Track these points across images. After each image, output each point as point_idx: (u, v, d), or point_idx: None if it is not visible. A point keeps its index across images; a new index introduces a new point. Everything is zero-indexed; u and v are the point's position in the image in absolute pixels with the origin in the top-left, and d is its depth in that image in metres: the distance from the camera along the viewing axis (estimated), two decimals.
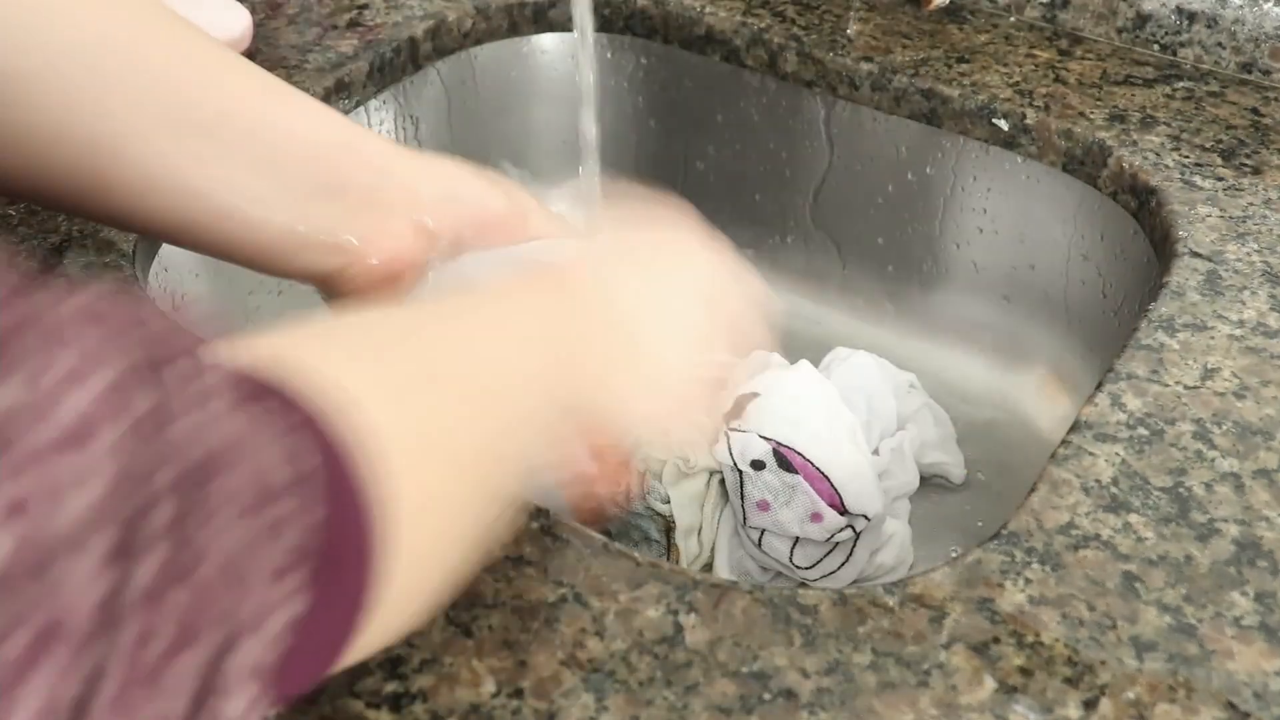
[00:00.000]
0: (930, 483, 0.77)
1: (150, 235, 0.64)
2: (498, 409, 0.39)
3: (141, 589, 0.23)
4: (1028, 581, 0.47)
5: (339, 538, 0.29)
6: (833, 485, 0.67)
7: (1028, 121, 0.78)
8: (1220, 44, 0.81)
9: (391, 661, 0.44)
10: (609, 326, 0.46)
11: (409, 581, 0.32)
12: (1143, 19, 0.83)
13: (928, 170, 0.84)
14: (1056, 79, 0.81)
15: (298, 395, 0.29)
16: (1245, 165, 0.72)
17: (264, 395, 0.28)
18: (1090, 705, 0.43)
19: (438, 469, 0.34)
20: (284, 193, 0.51)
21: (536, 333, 0.43)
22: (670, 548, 0.67)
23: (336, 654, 0.30)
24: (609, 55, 0.94)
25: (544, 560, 0.48)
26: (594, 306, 0.46)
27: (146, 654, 0.24)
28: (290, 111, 0.52)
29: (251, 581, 0.26)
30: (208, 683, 0.25)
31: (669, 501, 0.67)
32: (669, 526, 0.67)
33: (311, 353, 0.32)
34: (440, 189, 0.54)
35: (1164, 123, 0.76)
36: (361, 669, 0.43)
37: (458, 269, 0.54)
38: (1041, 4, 0.87)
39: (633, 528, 0.68)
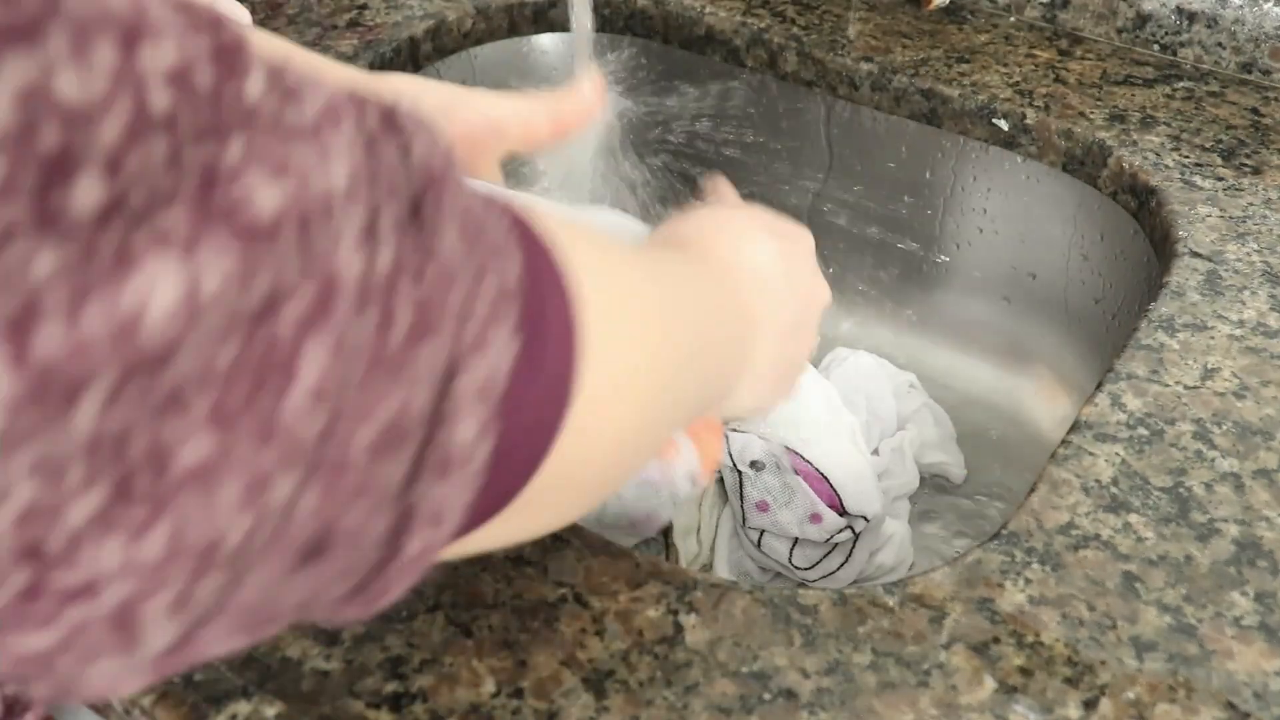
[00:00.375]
0: (930, 483, 0.77)
1: None
2: (687, 359, 0.39)
3: (384, 273, 0.24)
4: (1028, 581, 0.47)
5: (543, 303, 0.29)
6: (832, 486, 0.67)
7: (1028, 121, 0.78)
8: (1220, 44, 0.81)
9: (391, 661, 0.44)
10: (747, 313, 0.47)
11: (587, 450, 0.33)
12: (1143, 19, 0.83)
13: (928, 170, 0.84)
14: (1056, 79, 0.81)
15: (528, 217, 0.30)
16: (1245, 165, 0.72)
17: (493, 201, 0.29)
18: (1090, 705, 0.43)
19: (631, 369, 0.34)
20: None
21: (725, 304, 0.44)
22: (668, 547, 0.67)
23: (544, 436, 0.30)
24: (609, 55, 0.94)
25: (544, 560, 0.48)
26: (751, 292, 0.47)
27: (388, 339, 0.24)
28: (311, 59, 0.55)
29: (474, 295, 0.26)
30: (442, 388, 0.26)
31: None
32: (667, 526, 0.67)
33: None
34: (448, 99, 0.57)
35: (1164, 123, 0.76)
36: (361, 669, 0.43)
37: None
38: (1041, 4, 0.87)
39: None
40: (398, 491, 0.26)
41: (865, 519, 0.67)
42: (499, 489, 0.29)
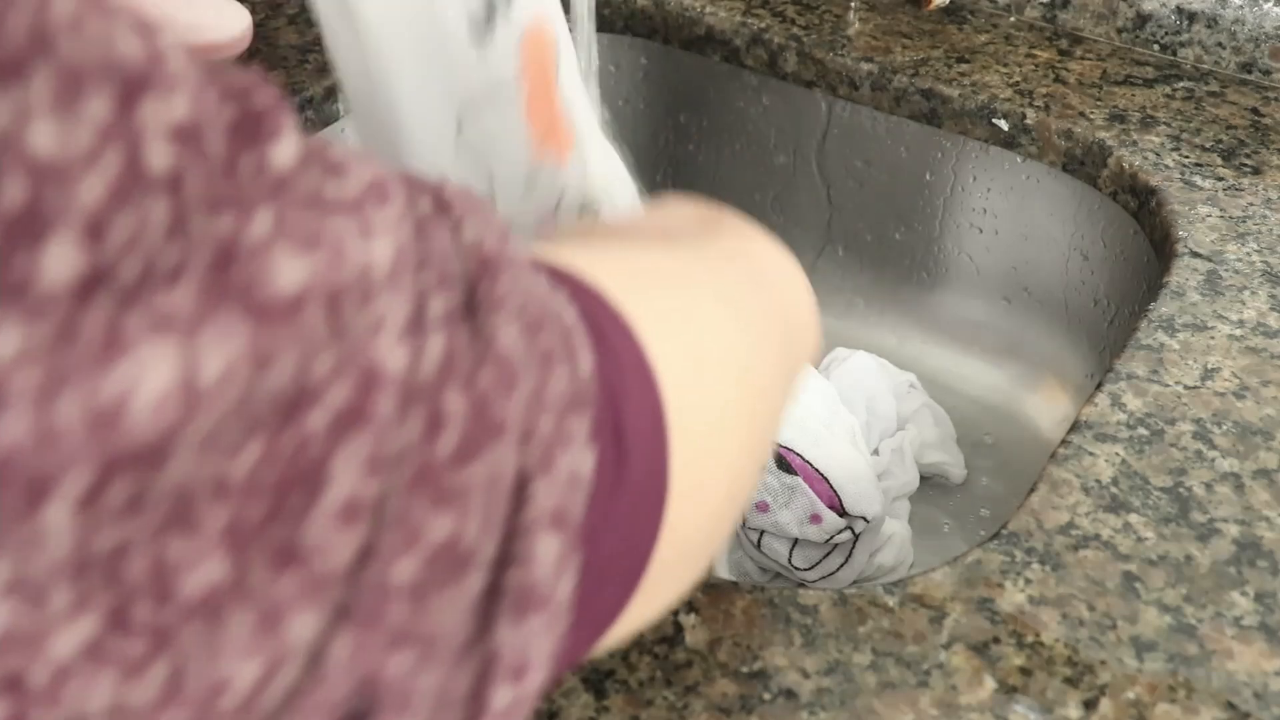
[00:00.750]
0: (930, 483, 0.77)
1: None
2: (770, 378, 0.36)
3: (432, 371, 0.21)
4: (1028, 581, 0.47)
5: (620, 400, 0.26)
6: (832, 487, 0.67)
7: (1028, 121, 0.78)
8: (1220, 44, 0.81)
9: None
10: (782, 272, 0.44)
11: (689, 532, 0.29)
12: (1143, 19, 0.83)
13: (928, 170, 0.84)
14: (1056, 79, 0.81)
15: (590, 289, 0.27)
16: (1245, 165, 0.72)
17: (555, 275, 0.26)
18: (1090, 705, 0.43)
19: (709, 422, 0.31)
20: None
21: (773, 294, 0.41)
22: None
23: (641, 550, 0.27)
24: (609, 55, 0.94)
25: None
26: (759, 253, 0.43)
27: (436, 450, 0.21)
28: None
29: (539, 401, 0.23)
30: (508, 514, 0.22)
31: None
32: None
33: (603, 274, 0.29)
34: None
35: (1164, 123, 0.76)
36: None
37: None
38: (1041, 4, 0.87)
39: None
40: (467, 638, 0.22)
41: (865, 520, 0.67)
42: (600, 611, 0.26)
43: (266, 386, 0.18)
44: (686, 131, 0.94)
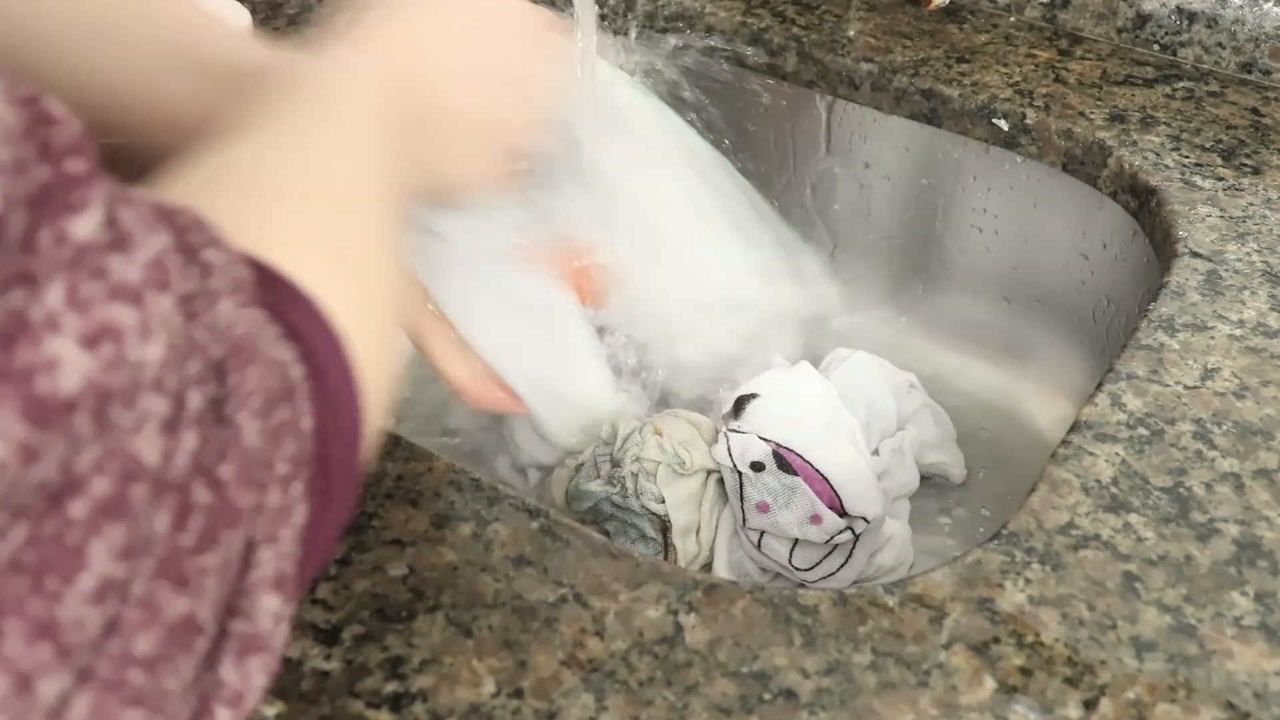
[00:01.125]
0: (930, 483, 0.77)
1: None
2: (364, 221, 0.39)
3: (183, 467, 0.23)
4: (1028, 581, 0.47)
5: (331, 446, 0.29)
6: (832, 487, 0.67)
7: (1028, 121, 0.78)
8: (1220, 44, 0.81)
9: (391, 661, 0.44)
10: (424, 102, 0.46)
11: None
12: (1143, 19, 0.83)
13: (928, 170, 0.84)
14: (1056, 79, 0.81)
15: (285, 289, 0.29)
16: (1245, 165, 0.72)
17: (264, 289, 0.28)
18: (1090, 705, 0.43)
19: (358, 300, 0.34)
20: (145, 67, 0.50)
21: (367, 137, 0.43)
22: (667, 547, 0.67)
23: (330, 553, 0.30)
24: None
25: (544, 560, 0.48)
26: (406, 83, 0.46)
27: (179, 540, 0.23)
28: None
29: (265, 485, 0.26)
30: (234, 592, 0.25)
31: (664, 501, 0.67)
32: (665, 526, 0.67)
33: (243, 224, 0.31)
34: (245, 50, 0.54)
35: (1164, 123, 0.76)
36: (361, 669, 0.43)
37: None
38: (1041, 4, 0.87)
39: (630, 526, 0.68)
40: (189, 683, 0.25)
41: (865, 520, 0.67)
42: (315, 566, 0.30)
43: (32, 477, 0.20)
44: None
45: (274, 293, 0.29)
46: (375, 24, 0.47)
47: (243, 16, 0.81)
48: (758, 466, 0.67)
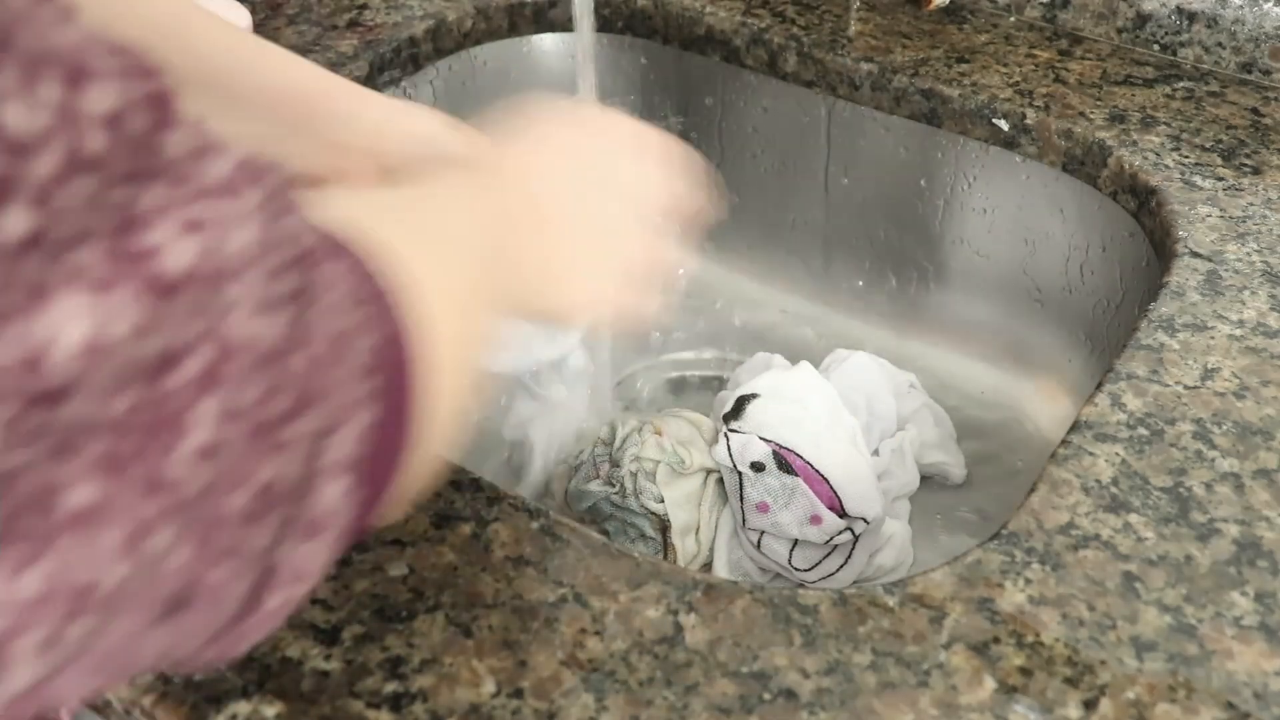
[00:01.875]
0: (930, 483, 0.77)
1: None
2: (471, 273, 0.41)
3: (274, 344, 0.25)
4: (1028, 581, 0.47)
5: (401, 358, 0.31)
6: (832, 488, 0.67)
7: (1028, 121, 0.78)
8: (1220, 44, 0.81)
9: (391, 661, 0.44)
10: (538, 215, 0.48)
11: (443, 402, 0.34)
12: (1143, 19, 0.83)
13: (928, 170, 0.84)
14: (1056, 79, 0.81)
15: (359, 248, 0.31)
16: (1245, 165, 0.72)
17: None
18: (1090, 705, 0.43)
19: (453, 311, 0.36)
20: (260, 131, 0.54)
21: (477, 219, 0.44)
22: (666, 547, 0.67)
23: (395, 471, 0.31)
24: (609, 55, 0.94)
25: (544, 560, 0.48)
26: (524, 196, 0.47)
27: (270, 410, 0.25)
28: (270, 62, 0.56)
29: (346, 371, 0.27)
30: (310, 460, 0.27)
31: (663, 501, 0.67)
32: (664, 525, 0.67)
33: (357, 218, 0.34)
34: (402, 128, 0.56)
35: (1164, 123, 0.76)
36: (362, 669, 0.43)
37: None
38: (1041, 4, 0.87)
39: (629, 526, 0.68)
40: (261, 553, 0.26)
41: (865, 521, 0.67)
42: (371, 509, 0.31)
43: (147, 347, 0.22)
44: (686, 132, 0.94)
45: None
46: (515, 135, 0.49)
47: (243, 18, 0.81)
48: (758, 467, 0.67)
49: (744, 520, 0.68)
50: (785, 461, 0.67)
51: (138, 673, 0.28)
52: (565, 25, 0.93)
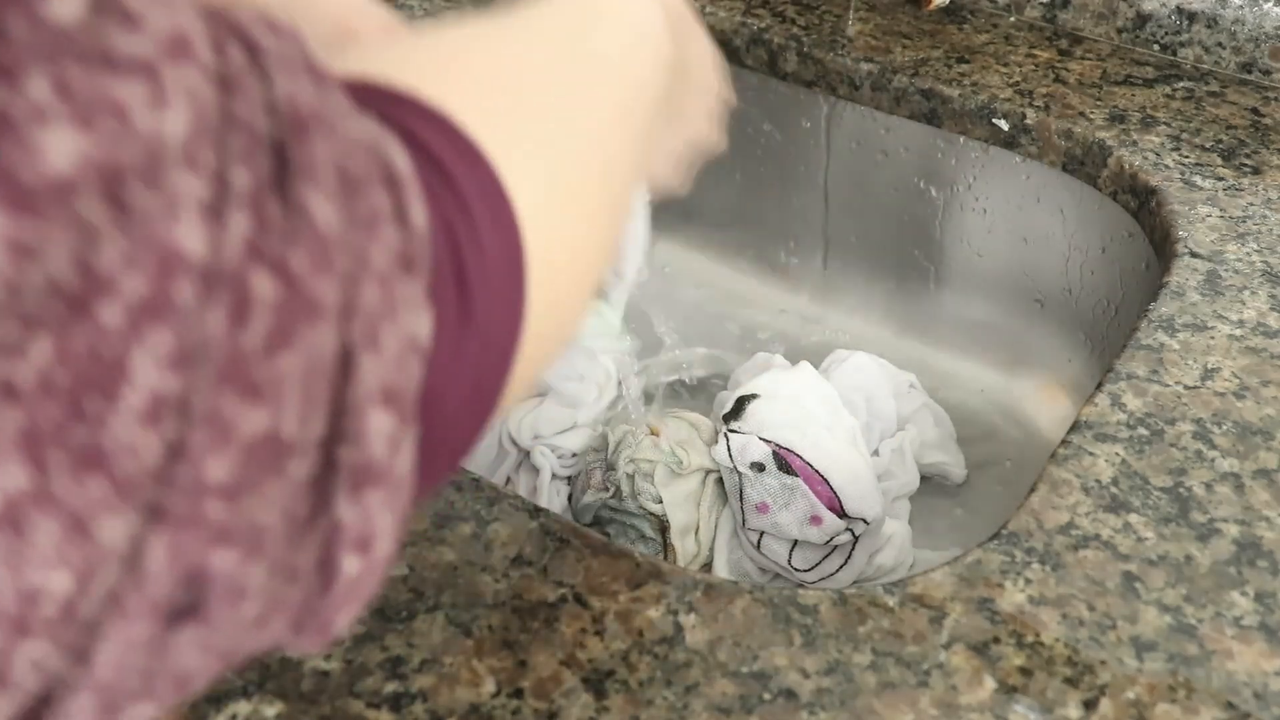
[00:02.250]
0: (930, 483, 0.77)
1: None
2: (614, 129, 0.34)
3: (237, 254, 0.19)
4: (1028, 581, 0.47)
5: (469, 245, 0.24)
6: (832, 488, 0.67)
7: (1028, 121, 0.78)
8: (1220, 44, 0.81)
9: (391, 661, 0.44)
10: (697, 37, 0.43)
11: (543, 326, 0.28)
12: (1143, 19, 0.83)
13: (928, 170, 0.84)
14: (1056, 79, 0.81)
15: (416, 102, 0.25)
16: (1245, 165, 0.72)
17: (390, 107, 0.24)
18: (1090, 705, 0.43)
19: (561, 212, 0.29)
20: None
21: (642, 68, 0.38)
22: (666, 547, 0.67)
23: (488, 398, 0.25)
24: None
25: (544, 560, 0.48)
26: (687, 18, 0.42)
27: (244, 339, 0.20)
28: None
29: (356, 278, 0.22)
30: (333, 396, 0.21)
31: (661, 501, 0.67)
32: (663, 526, 0.67)
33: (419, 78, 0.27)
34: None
35: (1164, 123, 0.76)
36: (361, 669, 0.43)
37: None
38: (1041, 4, 0.87)
39: (628, 526, 0.68)
40: (306, 515, 0.22)
41: (865, 521, 0.67)
42: (455, 445, 0.26)
43: (39, 279, 0.17)
44: None
45: (403, 112, 0.25)
46: None
47: None
48: (758, 467, 0.67)
49: (744, 520, 0.68)
50: (785, 462, 0.67)
51: (198, 685, 0.22)
52: None
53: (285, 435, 0.20)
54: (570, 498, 0.71)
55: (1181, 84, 0.80)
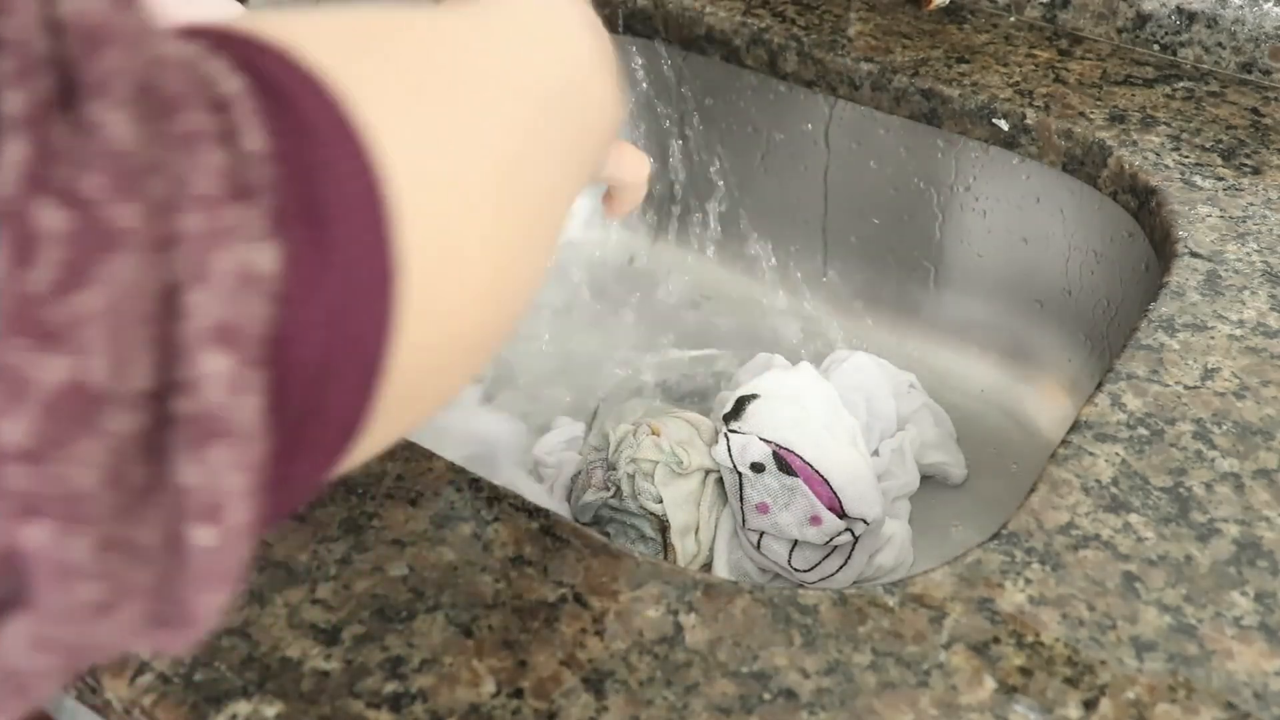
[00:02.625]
0: (930, 483, 0.77)
1: None
2: (530, 125, 0.31)
3: (12, 185, 0.17)
4: (1028, 581, 0.47)
5: (322, 176, 0.22)
6: (832, 488, 0.67)
7: (1028, 121, 0.78)
8: (1220, 44, 0.81)
9: (391, 661, 0.44)
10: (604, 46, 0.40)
11: (445, 326, 0.26)
12: (1143, 19, 0.83)
13: (928, 170, 0.84)
14: (1056, 79, 0.81)
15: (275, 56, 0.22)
16: (1245, 165, 0.72)
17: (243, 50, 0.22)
18: (1090, 705, 0.43)
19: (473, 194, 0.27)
20: None
21: (574, 41, 0.36)
22: (666, 547, 0.67)
23: (363, 350, 0.23)
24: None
25: (544, 560, 0.48)
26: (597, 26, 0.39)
27: (29, 284, 0.17)
28: None
29: (171, 203, 0.19)
30: (161, 355, 0.19)
31: (661, 501, 0.67)
32: (663, 526, 0.67)
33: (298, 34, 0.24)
34: None
35: (1164, 123, 0.76)
36: (361, 669, 0.43)
37: None
38: (1041, 4, 0.87)
39: (628, 526, 0.68)
40: (142, 483, 0.19)
41: (865, 522, 0.67)
42: (337, 424, 0.23)
43: None
44: (685, 132, 0.94)
45: (237, 43, 0.23)
46: None
47: (236, 11, 0.81)
48: (758, 467, 0.67)
49: (744, 521, 0.68)
50: (785, 462, 0.67)
51: (43, 691, 0.19)
52: None
53: (94, 385, 0.18)
54: (570, 497, 0.71)
55: (1181, 84, 0.80)
